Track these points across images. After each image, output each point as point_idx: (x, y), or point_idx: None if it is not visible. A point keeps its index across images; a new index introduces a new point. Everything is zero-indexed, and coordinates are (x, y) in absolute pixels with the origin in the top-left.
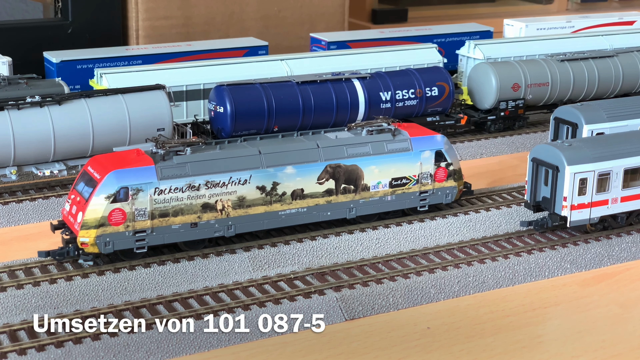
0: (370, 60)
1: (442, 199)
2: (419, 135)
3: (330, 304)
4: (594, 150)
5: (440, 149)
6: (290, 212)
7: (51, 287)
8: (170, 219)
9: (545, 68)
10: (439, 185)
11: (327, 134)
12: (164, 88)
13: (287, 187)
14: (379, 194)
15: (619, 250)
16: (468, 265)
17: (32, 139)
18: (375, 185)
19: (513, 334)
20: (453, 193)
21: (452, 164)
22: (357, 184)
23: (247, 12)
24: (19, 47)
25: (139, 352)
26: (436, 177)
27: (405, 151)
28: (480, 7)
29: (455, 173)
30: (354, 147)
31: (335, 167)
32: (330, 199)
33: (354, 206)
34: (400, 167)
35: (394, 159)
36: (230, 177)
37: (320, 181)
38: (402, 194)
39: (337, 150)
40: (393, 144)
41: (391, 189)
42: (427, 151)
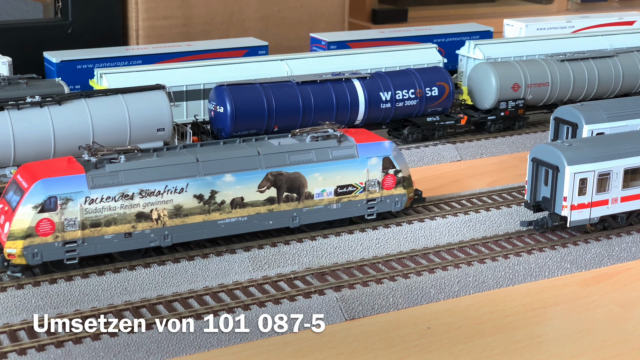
0: (370, 60)
1: (391, 206)
2: (366, 142)
3: (330, 304)
4: (594, 150)
5: (388, 156)
6: (229, 221)
7: (51, 287)
8: (102, 229)
9: (545, 68)
10: (388, 192)
11: (270, 141)
12: (164, 88)
13: (226, 195)
14: (324, 202)
15: (619, 250)
16: (468, 265)
17: (32, 139)
18: (319, 194)
19: (513, 334)
20: (402, 201)
21: (401, 171)
22: (300, 192)
23: (247, 12)
24: (19, 47)
25: (139, 352)
26: (384, 184)
27: (351, 158)
28: (480, 7)
29: (405, 180)
30: (297, 154)
31: (276, 175)
32: (272, 208)
33: (297, 215)
34: (345, 175)
35: (339, 166)
36: (165, 186)
37: (261, 189)
38: (349, 202)
39: (278, 157)
40: (338, 150)
41: (336, 197)
42: (374, 158)
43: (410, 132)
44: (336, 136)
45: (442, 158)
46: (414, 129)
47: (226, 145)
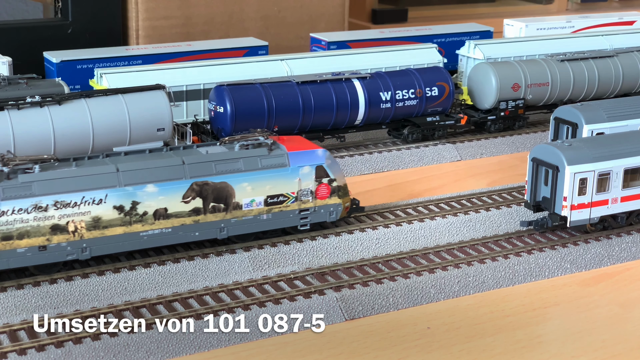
0: (370, 60)
1: (326, 217)
2: (298, 150)
3: (330, 304)
4: (594, 150)
5: (321, 164)
6: (153, 233)
7: (51, 287)
8: (14, 242)
9: (545, 68)
10: (322, 202)
11: (198, 149)
12: (164, 88)
13: (148, 206)
14: (253, 213)
15: (619, 250)
16: (468, 265)
17: (32, 139)
18: (248, 204)
19: (513, 334)
20: (338, 210)
21: (335, 180)
22: (227, 203)
23: (247, 12)
24: (19, 47)
25: (139, 352)
26: (318, 194)
27: (282, 167)
28: (480, 7)
29: (340, 189)
30: (224, 164)
31: (202, 185)
32: (197, 219)
33: (225, 226)
34: (276, 184)
35: (269, 176)
36: (82, 197)
37: (186, 200)
38: (280, 212)
39: (204, 166)
40: (268, 159)
41: (267, 207)
42: (306, 167)
43: (410, 132)
44: (267, 144)
45: (442, 158)
46: (414, 129)
47: (152, 154)
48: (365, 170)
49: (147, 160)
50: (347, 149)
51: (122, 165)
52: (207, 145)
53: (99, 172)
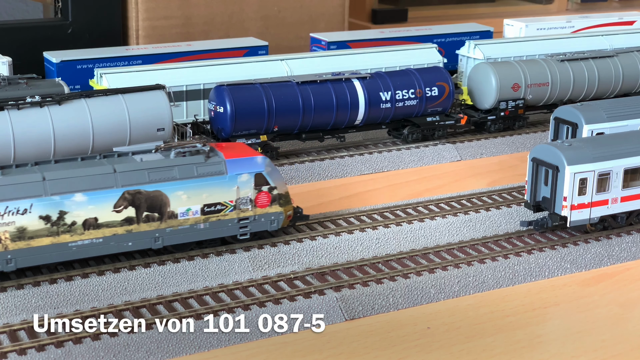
0: (370, 60)
1: (267, 225)
2: (236, 157)
3: (330, 304)
4: (594, 150)
5: (260, 172)
6: (82, 244)
7: (51, 287)
8: None
9: (545, 68)
10: (262, 211)
11: (134, 157)
12: (164, 88)
13: (77, 216)
14: (190, 222)
15: (619, 250)
16: (468, 265)
17: (32, 139)
18: (184, 213)
19: (513, 334)
20: (279, 219)
21: (276, 188)
22: (162, 212)
23: (247, 12)
24: (19, 47)
25: (139, 352)
26: (257, 202)
27: (219, 175)
28: (480, 7)
29: (281, 197)
30: (158, 172)
31: (134, 194)
32: (130, 228)
33: (160, 235)
34: (213, 192)
35: (205, 184)
36: (6, 207)
37: (118, 209)
38: (218, 221)
39: (137, 174)
40: (204, 167)
41: (204, 216)
42: (244, 174)
43: (410, 132)
44: (204, 152)
45: (442, 158)
46: (414, 129)
47: (84, 162)
48: (365, 170)
49: (76, 169)
50: (347, 149)
51: (48, 174)
52: (143, 153)
53: (24, 181)
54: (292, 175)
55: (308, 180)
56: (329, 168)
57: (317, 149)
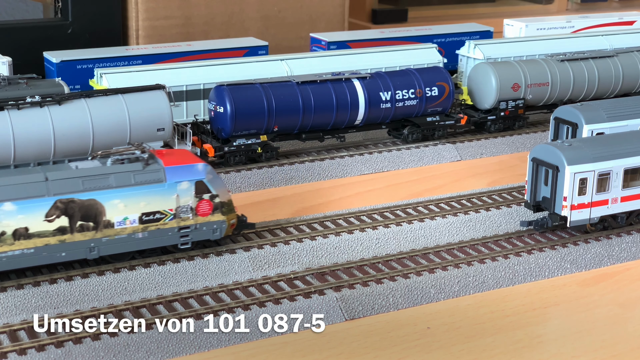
0: (370, 60)
1: (209, 234)
2: (176, 165)
3: (330, 304)
4: (594, 150)
5: (201, 179)
6: (12, 254)
7: (51, 287)
8: None
9: (545, 68)
10: (203, 219)
11: (69, 164)
12: (164, 88)
13: (6, 225)
14: (127, 231)
15: (619, 250)
16: (468, 265)
17: (32, 139)
18: (121, 222)
19: (513, 334)
20: (222, 228)
21: (218, 196)
22: (97, 221)
23: (247, 12)
24: (19, 47)
25: (139, 352)
26: (199, 210)
27: (158, 182)
28: (480, 7)
29: (224, 206)
30: (93, 180)
31: (67, 203)
32: (64, 238)
33: (95, 245)
34: (152, 201)
35: (143, 192)
36: None
37: (50, 218)
38: (157, 230)
39: (70, 183)
40: (142, 175)
41: (142, 225)
42: (184, 182)
43: (410, 132)
44: (143, 159)
45: (442, 158)
46: (414, 129)
47: (16, 169)
48: (365, 170)
49: (6, 177)
50: (347, 149)
51: None
52: (80, 160)
53: None
54: (292, 175)
55: (308, 180)
56: (329, 168)
57: (317, 149)
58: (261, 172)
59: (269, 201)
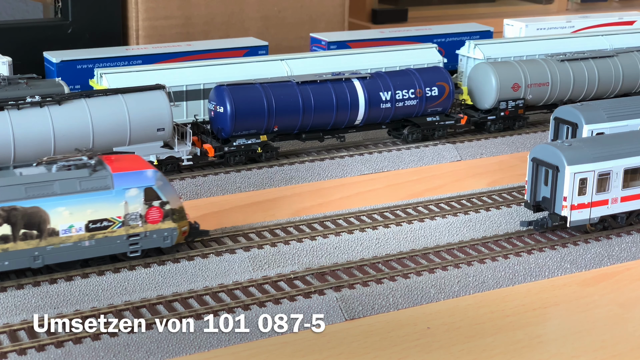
0: (370, 60)
1: (160, 242)
2: (124, 171)
3: (330, 304)
4: (594, 150)
5: (151, 186)
6: None
7: (51, 287)
8: None
9: (545, 68)
10: (153, 227)
11: (14, 170)
12: (164, 88)
13: None
14: (73, 240)
15: (619, 250)
16: (468, 265)
17: (32, 139)
18: (66, 230)
19: (513, 334)
20: (173, 235)
21: (168, 203)
22: (41, 229)
23: (247, 12)
24: (19, 47)
25: (139, 352)
26: (148, 218)
27: (105, 189)
28: (480, 7)
29: (175, 213)
30: (36, 187)
31: (9, 210)
32: (6, 247)
33: (40, 254)
34: (98, 208)
35: (89, 199)
36: None
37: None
38: (104, 238)
39: (12, 190)
40: (89, 181)
41: (89, 233)
42: (133, 189)
43: (410, 132)
44: (90, 165)
45: (442, 158)
46: (414, 129)
47: None
48: (365, 170)
49: None
50: (347, 149)
51: None
52: (25, 167)
53: None
54: (292, 175)
55: (308, 180)
56: (329, 168)
57: (317, 149)
58: (261, 172)
59: (269, 201)
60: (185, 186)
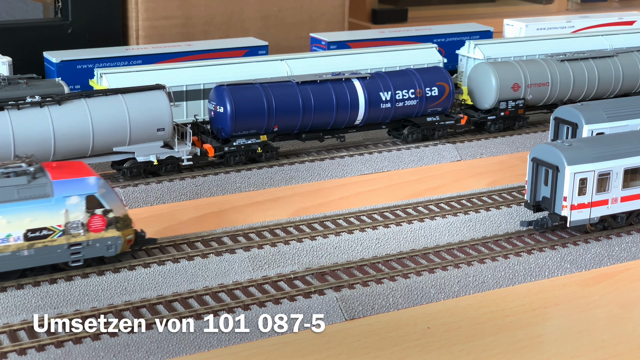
0: (370, 60)
1: (103, 251)
2: (65, 178)
3: (330, 304)
4: (594, 150)
5: (93, 194)
6: None
7: (51, 287)
8: None
9: (545, 68)
10: (96, 235)
11: None
12: (164, 88)
13: None
14: (11, 249)
15: (619, 250)
16: (468, 265)
17: (32, 139)
18: (4, 239)
19: (513, 334)
20: (117, 244)
21: (112, 211)
22: None
23: (247, 12)
24: (19, 47)
25: (139, 352)
26: (91, 226)
27: (44, 197)
28: (480, 7)
29: (119, 221)
30: None
31: None
32: None
33: None
34: (37, 217)
35: (28, 207)
36: None
37: None
38: (45, 247)
39: None
40: (27, 189)
41: (27, 242)
42: (74, 197)
43: (410, 132)
44: (29, 172)
45: (442, 158)
46: (414, 129)
47: None
48: (365, 170)
49: None
50: (347, 149)
51: None
52: None
53: None
54: (292, 175)
55: (308, 180)
56: (329, 168)
57: (317, 149)
58: (261, 172)
59: (269, 201)
60: (185, 186)
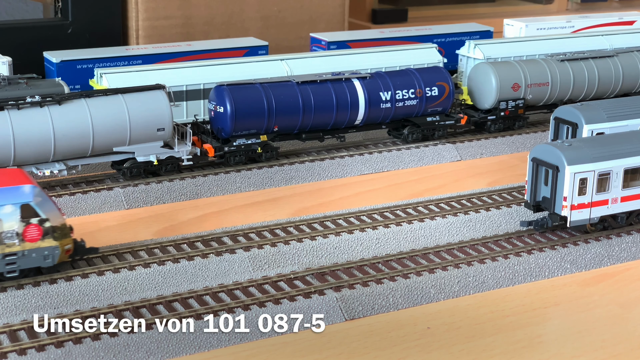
0: (370, 60)
1: (40, 261)
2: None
3: (330, 304)
4: (594, 150)
5: (28, 203)
6: None
7: (51, 287)
8: None
9: (545, 68)
10: (32, 245)
11: None
12: (164, 88)
13: None
14: None
15: (619, 250)
16: (468, 265)
17: (32, 139)
18: None
19: (513, 334)
20: (55, 254)
21: (48, 220)
22: None
23: (247, 12)
24: (19, 47)
25: (139, 352)
26: (26, 236)
27: None
28: (480, 7)
29: (56, 230)
30: None
31: None
32: None
33: None
34: None
35: None
36: None
37: None
38: None
39: None
40: None
41: None
42: (8, 206)
43: (410, 132)
44: None
45: (442, 158)
46: (414, 129)
47: None
48: (365, 170)
49: None
50: (347, 149)
51: None
52: None
53: None
54: (292, 175)
55: (308, 180)
56: (329, 168)
57: (317, 149)
58: (261, 172)
59: (269, 201)
60: (185, 186)
